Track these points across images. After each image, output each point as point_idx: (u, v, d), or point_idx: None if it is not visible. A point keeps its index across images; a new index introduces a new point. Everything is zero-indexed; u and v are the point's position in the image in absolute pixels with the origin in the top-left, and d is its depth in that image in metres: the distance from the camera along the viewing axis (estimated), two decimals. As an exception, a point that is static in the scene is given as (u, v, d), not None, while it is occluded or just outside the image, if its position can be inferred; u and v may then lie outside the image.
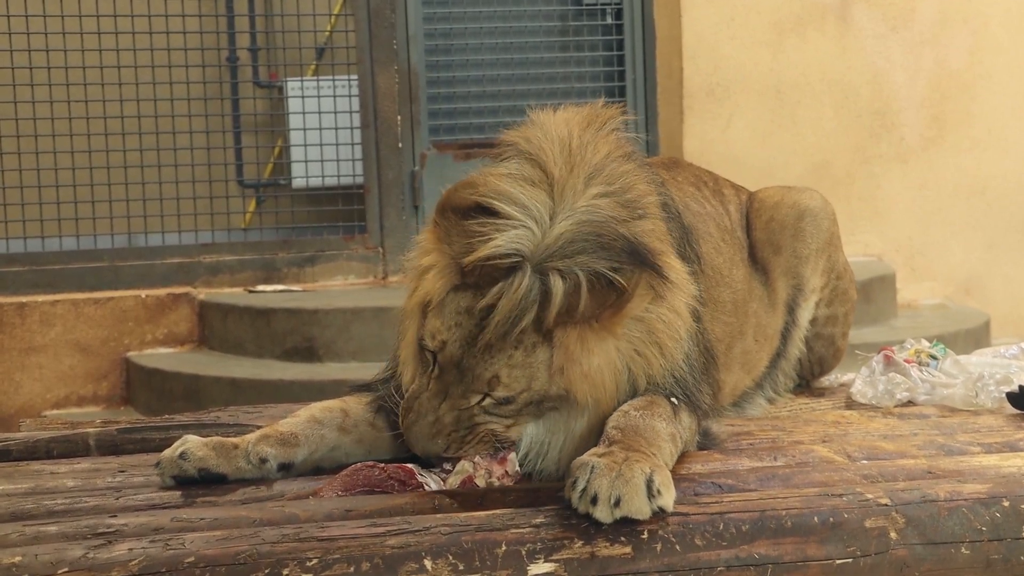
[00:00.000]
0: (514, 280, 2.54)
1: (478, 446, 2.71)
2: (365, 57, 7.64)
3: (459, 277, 2.62)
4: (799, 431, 3.28)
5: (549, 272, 2.55)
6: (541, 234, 2.58)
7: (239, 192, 8.27)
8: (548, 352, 2.61)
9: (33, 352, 7.02)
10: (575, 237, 2.57)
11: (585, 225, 2.59)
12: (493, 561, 2.36)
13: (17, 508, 2.68)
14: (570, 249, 2.56)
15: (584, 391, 2.65)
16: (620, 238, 2.60)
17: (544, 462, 2.77)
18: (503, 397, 2.65)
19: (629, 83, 7.97)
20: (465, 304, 2.62)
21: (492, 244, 2.55)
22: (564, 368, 2.62)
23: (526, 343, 2.60)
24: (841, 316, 3.86)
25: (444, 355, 2.65)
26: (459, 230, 2.60)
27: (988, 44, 8.06)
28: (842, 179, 7.90)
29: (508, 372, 2.62)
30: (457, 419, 2.67)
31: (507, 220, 2.57)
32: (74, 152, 7.39)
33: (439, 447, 2.69)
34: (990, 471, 2.82)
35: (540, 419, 2.73)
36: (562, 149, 2.71)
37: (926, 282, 8.02)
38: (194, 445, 2.83)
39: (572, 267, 2.55)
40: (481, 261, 2.55)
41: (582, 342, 2.61)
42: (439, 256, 2.67)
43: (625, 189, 2.74)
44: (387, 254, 7.64)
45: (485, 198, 2.60)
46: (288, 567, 2.30)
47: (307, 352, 6.70)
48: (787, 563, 2.47)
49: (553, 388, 2.65)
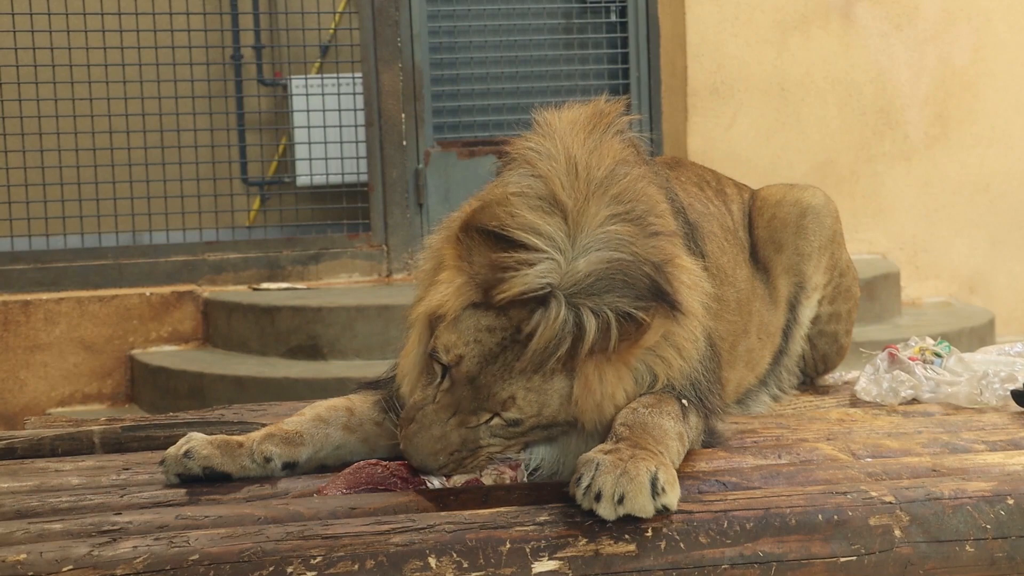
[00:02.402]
0: (551, 310, 2.57)
1: (474, 471, 2.73)
2: (369, 55, 7.64)
3: (480, 296, 2.64)
4: (803, 429, 3.28)
5: (581, 308, 2.58)
6: (566, 264, 2.61)
7: (243, 190, 8.28)
8: (564, 381, 2.63)
9: (38, 350, 7.03)
10: (603, 275, 2.61)
11: (611, 264, 2.63)
12: (497, 559, 2.36)
13: (22, 506, 2.68)
14: (598, 287, 2.60)
15: (593, 420, 2.68)
16: (644, 277, 2.64)
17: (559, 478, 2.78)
18: (513, 419, 2.66)
19: (633, 81, 7.97)
20: (486, 323, 2.64)
21: (524, 280, 2.57)
22: (579, 400, 2.64)
23: (547, 370, 2.62)
24: (844, 313, 3.86)
25: (459, 370, 2.65)
26: (483, 253, 2.63)
27: (991, 41, 8.05)
28: (846, 177, 7.89)
29: (524, 395, 2.64)
30: (464, 439, 2.67)
31: (535, 252, 2.60)
32: (78, 150, 7.40)
33: (438, 463, 2.69)
34: (995, 469, 2.81)
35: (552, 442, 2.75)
36: (569, 170, 2.73)
37: (930, 280, 8.02)
38: (199, 443, 2.83)
39: (602, 306, 2.59)
40: (515, 296, 2.58)
41: (600, 374, 2.65)
42: (457, 273, 2.68)
43: (636, 201, 2.76)
44: (391, 252, 7.65)
45: (509, 230, 2.62)
46: (292, 565, 2.30)
47: (311, 350, 6.70)
48: (791, 561, 2.47)
49: (562, 415, 2.67)
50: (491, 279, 2.61)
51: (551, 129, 2.83)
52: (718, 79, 7.77)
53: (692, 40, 7.72)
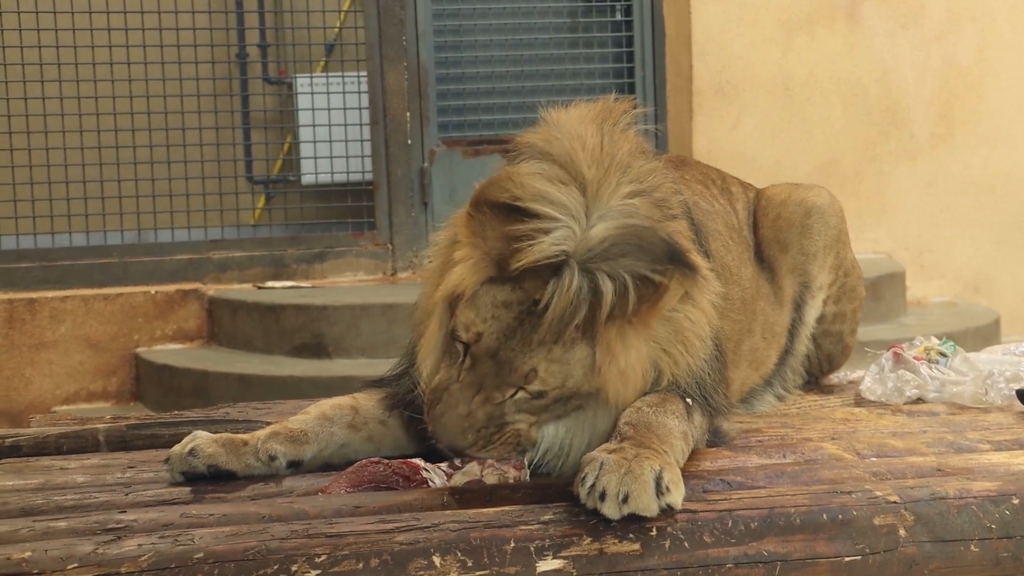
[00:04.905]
0: (564, 278, 2.55)
1: (502, 447, 2.71)
2: (374, 54, 7.64)
3: (495, 271, 2.62)
4: (808, 428, 3.28)
5: (596, 273, 2.56)
6: (581, 233, 2.58)
7: (248, 189, 8.28)
8: (586, 350, 2.61)
9: (43, 348, 7.04)
10: (618, 240, 2.58)
11: (626, 228, 2.60)
12: (502, 558, 2.36)
13: (27, 504, 2.68)
14: (614, 251, 2.57)
15: (617, 389, 2.66)
16: (660, 242, 2.61)
17: (566, 463, 2.76)
18: (537, 391, 2.64)
19: (638, 81, 7.97)
20: (502, 297, 2.62)
21: (538, 248, 2.55)
22: (602, 367, 2.62)
23: (566, 339, 2.61)
24: (849, 313, 3.86)
25: (480, 347, 2.64)
26: (495, 227, 2.60)
27: (996, 41, 8.05)
28: (851, 177, 7.89)
29: (546, 367, 2.62)
30: (489, 415, 2.65)
31: (549, 221, 2.58)
32: (84, 148, 7.40)
33: (467, 442, 2.67)
34: (1000, 469, 2.81)
35: (561, 420, 2.73)
36: (584, 147, 2.71)
37: (935, 279, 8.01)
38: (204, 442, 2.83)
39: (618, 269, 2.56)
40: (529, 264, 2.56)
41: (622, 339, 2.62)
42: (472, 250, 2.66)
43: (654, 188, 2.75)
44: (396, 250, 7.65)
45: (522, 200, 2.59)
46: (297, 563, 2.30)
47: (316, 348, 6.70)
48: (796, 560, 2.47)
49: (586, 386, 2.65)
50: (505, 251, 2.58)
51: (560, 123, 2.82)
52: (723, 79, 7.77)
53: (697, 40, 7.72)
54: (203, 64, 7.69)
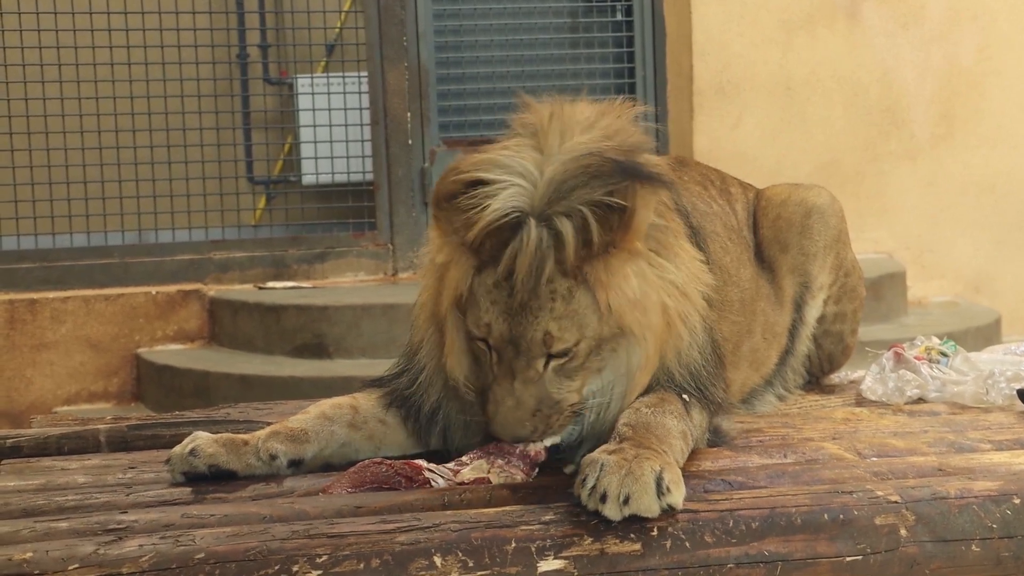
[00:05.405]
0: (522, 235, 2.56)
1: (560, 428, 2.71)
2: (375, 54, 7.64)
3: (475, 258, 2.63)
4: (809, 428, 3.28)
5: (553, 217, 2.56)
6: (532, 186, 2.60)
7: (249, 189, 8.28)
8: (586, 295, 2.62)
9: (44, 349, 7.04)
10: (565, 176, 2.59)
11: (571, 163, 2.61)
12: (503, 558, 2.36)
13: (28, 504, 2.68)
14: (564, 188, 2.58)
15: (637, 319, 2.66)
16: (609, 163, 2.61)
17: (605, 415, 2.76)
18: (562, 350, 2.64)
19: (639, 80, 7.97)
20: (491, 280, 2.64)
21: (490, 210, 2.57)
22: (610, 303, 2.62)
23: (561, 292, 2.61)
24: (850, 313, 3.86)
25: (494, 336, 2.65)
26: (456, 213, 2.62)
27: (997, 41, 8.05)
28: (851, 176, 7.89)
29: (557, 324, 2.62)
30: (537, 397, 2.66)
31: (496, 184, 2.60)
32: (84, 149, 7.40)
33: (527, 430, 2.68)
34: (1001, 468, 2.81)
35: (602, 372, 2.72)
36: (552, 117, 2.72)
37: (936, 279, 8.01)
38: (204, 442, 2.83)
39: (573, 205, 2.56)
40: (483, 230, 2.57)
41: (609, 268, 2.62)
42: (450, 248, 2.69)
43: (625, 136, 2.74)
44: (397, 251, 7.65)
45: (469, 173, 2.62)
46: (298, 564, 2.30)
47: (317, 349, 6.71)
48: (797, 560, 2.47)
49: (605, 328, 2.65)
50: (466, 230, 2.61)
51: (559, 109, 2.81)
52: (724, 79, 7.76)
53: (698, 39, 7.72)
54: (204, 64, 7.69)
